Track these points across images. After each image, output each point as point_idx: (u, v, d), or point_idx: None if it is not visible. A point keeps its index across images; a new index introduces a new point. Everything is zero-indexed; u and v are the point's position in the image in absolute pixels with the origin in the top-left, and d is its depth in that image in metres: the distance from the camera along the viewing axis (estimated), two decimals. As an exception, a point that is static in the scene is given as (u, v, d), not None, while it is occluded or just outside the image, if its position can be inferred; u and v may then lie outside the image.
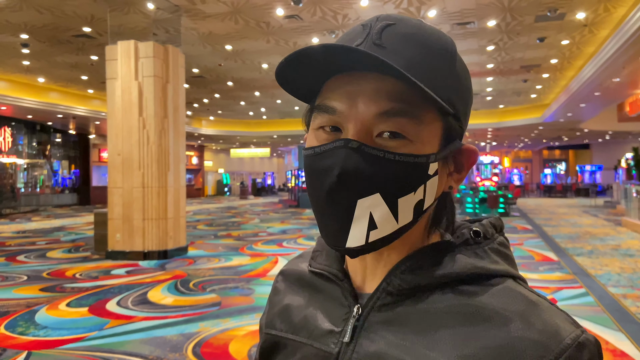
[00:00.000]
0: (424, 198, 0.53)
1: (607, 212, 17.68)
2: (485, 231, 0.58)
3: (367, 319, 0.55)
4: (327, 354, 0.55)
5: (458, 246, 0.56)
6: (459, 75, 0.55)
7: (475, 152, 0.58)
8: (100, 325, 4.68)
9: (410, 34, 0.52)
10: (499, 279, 0.53)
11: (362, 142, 0.50)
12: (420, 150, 0.51)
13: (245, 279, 6.71)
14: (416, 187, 0.51)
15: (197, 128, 26.30)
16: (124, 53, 8.46)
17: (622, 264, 7.60)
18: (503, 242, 0.58)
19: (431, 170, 0.52)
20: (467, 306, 0.50)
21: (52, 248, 9.80)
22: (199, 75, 15.67)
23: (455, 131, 0.55)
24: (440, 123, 0.53)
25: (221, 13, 9.85)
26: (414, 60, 0.51)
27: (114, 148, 8.52)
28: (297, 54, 0.49)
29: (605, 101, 16.67)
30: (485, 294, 0.51)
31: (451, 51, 0.55)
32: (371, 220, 0.51)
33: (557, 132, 27.47)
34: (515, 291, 0.51)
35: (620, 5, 9.39)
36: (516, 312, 0.49)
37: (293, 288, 0.66)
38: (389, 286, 0.54)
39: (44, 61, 13.77)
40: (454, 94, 0.54)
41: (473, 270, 0.53)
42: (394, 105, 0.50)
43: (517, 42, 12.16)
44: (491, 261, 0.55)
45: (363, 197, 0.50)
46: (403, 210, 0.51)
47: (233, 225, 14.50)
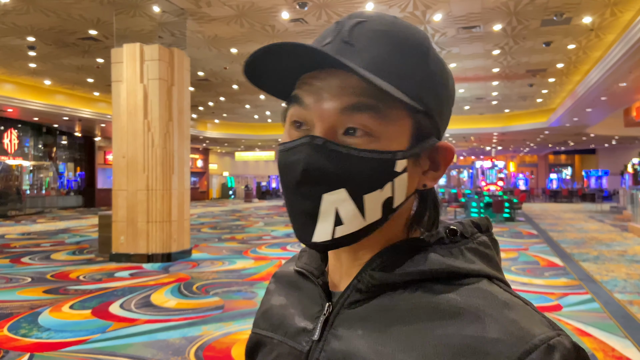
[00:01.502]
0: (393, 196, 0.52)
1: (614, 218, 17.56)
2: (464, 230, 0.56)
3: (337, 316, 0.54)
4: (298, 353, 0.56)
5: (432, 244, 0.54)
6: (431, 72, 0.54)
7: (450, 149, 0.56)
8: (103, 327, 4.67)
9: (381, 30, 0.53)
10: (472, 279, 0.51)
11: (327, 138, 0.51)
12: (386, 146, 0.51)
13: (248, 282, 6.69)
14: (382, 184, 0.51)
15: (202, 131, 26.36)
16: (130, 56, 8.49)
17: (629, 270, 7.53)
18: (484, 241, 0.56)
19: (399, 167, 0.51)
20: (433, 304, 0.49)
21: (56, 250, 9.82)
22: (204, 78, 15.71)
23: (428, 128, 0.54)
24: (410, 120, 0.52)
25: (227, 16, 9.88)
26: (380, 57, 0.51)
27: (119, 150, 8.54)
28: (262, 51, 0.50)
29: (612, 106, 16.60)
30: (453, 292, 0.50)
31: (423, 47, 0.54)
32: (337, 216, 0.51)
33: (563, 137, 27.37)
34: (485, 291, 0.49)
35: (627, 9, 9.34)
36: (483, 310, 0.47)
37: (280, 288, 0.67)
38: (359, 283, 0.54)
39: (50, 64, 13.85)
40: (424, 91, 0.53)
41: (443, 269, 0.51)
42: (357, 100, 0.50)
43: (523, 46, 12.13)
44: (465, 260, 0.53)
45: (328, 192, 0.51)
46: (370, 207, 0.51)
47: (237, 228, 14.49)
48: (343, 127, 0.51)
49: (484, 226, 0.59)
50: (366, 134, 0.50)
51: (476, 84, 16.52)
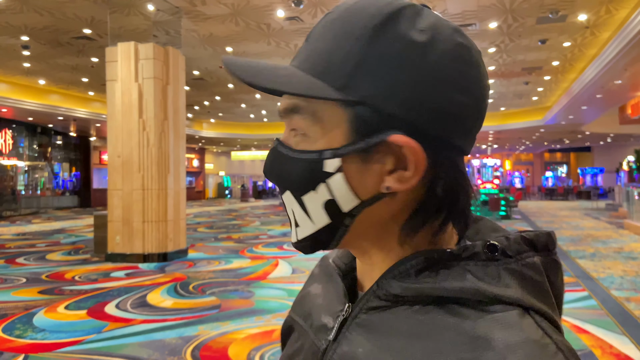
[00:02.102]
0: (335, 198, 0.48)
1: (609, 215, 17.62)
2: (507, 247, 0.47)
3: (355, 319, 0.51)
4: (316, 349, 0.53)
5: (464, 259, 0.47)
6: (377, 53, 0.46)
7: (408, 144, 0.46)
8: (98, 328, 4.64)
9: (333, 19, 0.49)
10: (502, 306, 0.44)
11: (280, 140, 0.52)
12: (316, 146, 0.48)
13: (245, 281, 6.67)
14: (314, 186, 0.48)
15: (197, 130, 26.31)
16: (124, 55, 8.44)
17: (625, 267, 7.55)
18: (534, 264, 0.47)
19: (329, 167, 0.47)
20: (449, 329, 0.44)
21: (51, 250, 9.76)
22: (199, 77, 15.66)
23: (375, 122, 0.46)
24: (345, 114, 0.47)
25: (221, 15, 9.84)
26: (315, 49, 0.49)
27: (114, 150, 8.49)
28: None
29: (607, 103, 16.64)
30: (476, 320, 0.43)
31: (364, 27, 0.46)
32: (294, 218, 0.52)
33: (558, 135, 27.45)
34: (511, 322, 0.42)
35: (622, 7, 9.36)
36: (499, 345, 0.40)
37: (320, 275, 0.64)
38: (379, 289, 0.50)
39: (44, 63, 13.78)
40: (362, 78, 0.46)
41: (468, 290, 0.45)
42: (290, 101, 0.50)
43: (518, 44, 12.14)
44: (499, 284, 0.45)
45: (282, 194, 0.53)
46: (312, 210, 0.50)
47: (233, 227, 14.46)
48: (290, 129, 0.51)
49: (541, 244, 0.49)
50: (302, 134, 0.49)
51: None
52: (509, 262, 0.47)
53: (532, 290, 0.46)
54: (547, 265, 0.49)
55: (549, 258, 0.49)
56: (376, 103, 0.46)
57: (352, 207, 0.48)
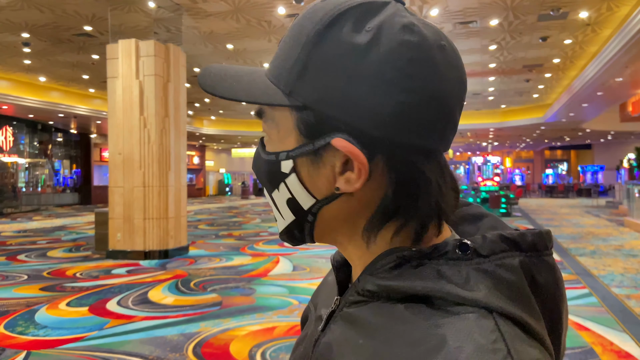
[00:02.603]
0: (294, 197, 0.52)
1: (610, 213, 17.62)
2: (481, 247, 0.46)
3: (340, 312, 0.53)
4: (312, 338, 0.57)
5: (434, 257, 0.47)
6: (318, 57, 0.46)
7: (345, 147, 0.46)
8: (100, 325, 4.65)
9: (292, 25, 0.51)
10: (465, 308, 0.43)
11: (262, 140, 0.56)
12: (274, 147, 0.52)
13: (246, 278, 6.68)
14: (276, 185, 0.53)
15: (198, 128, 26.29)
16: (125, 52, 8.43)
17: (625, 264, 7.56)
18: (509, 264, 0.45)
19: (284, 168, 0.51)
20: (409, 327, 0.44)
21: (52, 247, 9.78)
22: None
23: (319, 125, 0.47)
24: (292, 118, 0.49)
25: (222, 12, 9.83)
26: (276, 56, 0.52)
27: (115, 147, 8.50)
28: None
29: (608, 101, 16.62)
30: (436, 320, 0.43)
31: (310, 30, 0.47)
32: (274, 213, 0.56)
33: (559, 132, 27.42)
34: (467, 325, 0.41)
35: (623, 4, 9.34)
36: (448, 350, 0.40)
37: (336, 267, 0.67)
38: (358, 285, 0.51)
39: (45, 60, 13.76)
40: (303, 83, 0.47)
41: (431, 289, 0.44)
42: (256, 107, 0.54)
43: (519, 42, 12.12)
44: (467, 285, 0.44)
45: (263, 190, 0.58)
46: (280, 206, 0.54)
47: (234, 225, 14.47)
48: None
49: (527, 244, 0.47)
50: (268, 137, 0.54)
51: (473, 79, 16.51)
52: (481, 262, 0.45)
53: (505, 292, 0.44)
54: (532, 266, 0.46)
55: (536, 259, 0.46)
56: (318, 107, 0.47)
57: (310, 205, 0.51)
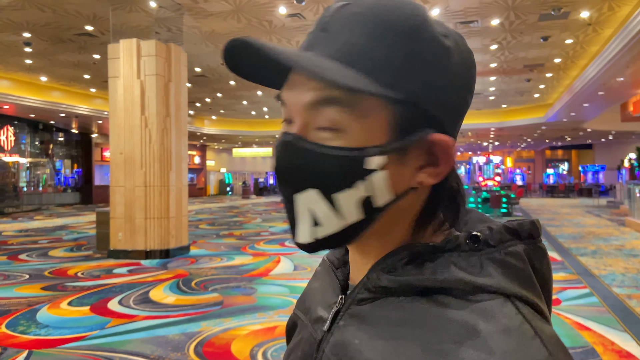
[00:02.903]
0: (372, 194, 0.48)
1: (610, 212, 17.61)
2: (489, 237, 0.49)
3: (347, 310, 0.53)
4: (314, 340, 0.56)
5: (448, 250, 0.49)
6: (418, 54, 0.47)
7: (445, 142, 0.49)
8: (101, 324, 4.66)
9: (359, 12, 0.48)
10: (485, 295, 0.45)
11: (299, 134, 0.48)
12: (356, 142, 0.47)
13: (247, 278, 6.69)
14: (351, 183, 0.47)
15: (199, 127, 26.31)
16: (126, 51, 8.44)
17: (626, 264, 7.55)
18: (516, 252, 0.48)
19: (371, 164, 0.47)
20: (435, 318, 0.45)
21: (54, 247, 9.79)
22: (201, 74, 15.66)
23: (415, 120, 0.48)
24: (386, 111, 0.47)
25: (223, 11, 9.84)
26: (351, 42, 0.47)
27: (116, 147, 8.51)
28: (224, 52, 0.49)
29: (609, 101, 16.61)
30: (460, 310, 0.45)
31: (408, 26, 0.47)
32: (313, 217, 0.49)
33: (560, 132, 27.41)
34: (491, 311, 0.44)
35: (624, 3, 9.34)
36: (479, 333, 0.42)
37: (321, 272, 0.67)
38: (369, 282, 0.52)
39: (46, 60, 13.78)
40: (406, 77, 0.47)
41: (451, 280, 0.46)
42: (324, 93, 0.47)
43: (520, 41, 12.12)
44: (482, 274, 0.46)
45: (299, 192, 0.49)
46: (345, 206, 0.48)
47: (235, 224, 14.48)
48: (315, 122, 0.48)
49: (525, 233, 0.50)
50: (336, 129, 0.47)
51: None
52: (491, 252, 0.48)
53: (515, 278, 0.47)
54: (531, 252, 0.50)
55: (533, 246, 0.50)
56: (418, 102, 0.47)
57: (385, 202, 0.49)
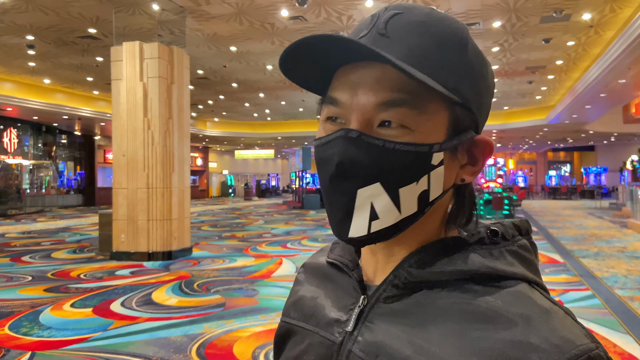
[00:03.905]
0: (429, 189, 0.52)
1: (613, 214, 17.57)
2: (505, 232, 0.55)
3: (372, 309, 0.55)
4: (331, 343, 0.56)
5: (472, 244, 0.54)
6: (470, 63, 0.53)
7: (489, 143, 0.55)
8: (104, 325, 4.68)
9: (417, 21, 0.52)
10: (511, 282, 0.50)
11: (362, 131, 0.50)
12: (423, 139, 0.50)
13: (249, 280, 6.70)
14: (418, 177, 0.51)
15: (201, 129, 26.35)
16: (129, 54, 8.48)
17: (629, 266, 7.54)
18: (524, 245, 0.56)
19: (435, 160, 0.51)
20: (472, 305, 0.49)
21: (57, 249, 9.82)
22: (203, 76, 15.70)
23: (466, 121, 0.53)
24: (446, 112, 0.52)
25: (226, 14, 9.87)
26: (417, 48, 0.50)
27: (119, 149, 8.53)
28: (296, 45, 0.50)
29: (611, 103, 16.60)
30: (493, 295, 0.49)
31: (460, 38, 0.53)
32: (372, 211, 0.51)
33: (562, 134, 27.38)
34: (525, 295, 0.49)
35: (626, 6, 9.34)
36: (523, 316, 0.46)
37: (310, 279, 0.68)
38: (396, 279, 0.54)
39: (49, 62, 13.83)
40: (462, 83, 0.52)
41: (483, 270, 0.51)
42: (394, 95, 0.50)
43: (522, 43, 12.12)
44: (506, 263, 0.52)
45: (363, 186, 0.51)
46: (405, 200, 0.51)
47: (237, 226, 14.50)
48: (378, 120, 0.51)
49: (524, 229, 0.58)
50: (402, 127, 0.50)
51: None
52: (507, 245, 0.54)
53: (528, 267, 0.54)
54: (531, 246, 0.57)
55: (530, 240, 0.57)
56: (470, 106, 0.53)
57: (435, 197, 0.53)
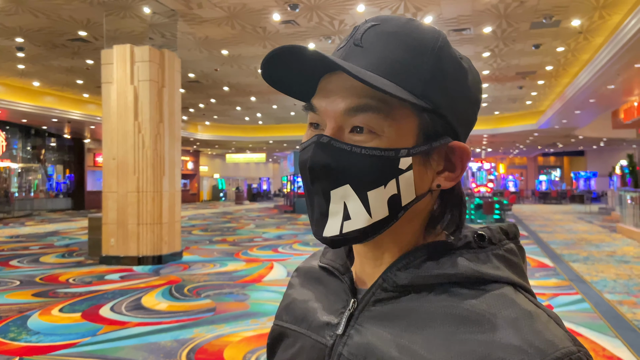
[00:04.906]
0: (399, 193, 0.53)
1: (602, 219, 17.72)
2: (492, 236, 0.56)
3: (362, 313, 0.56)
4: (322, 346, 0.58)
5: (459, 248, 0.55)
6: (442, 70, 0.54)
7: (463, 149, 0.56)
8: (93, 330, 4.63)
9: (390, 32, 0.54)
10: (497, 285, 0.52)
11: (333, 137, 0.53)
12: (390, 144, 0.52)
13: (240, 284, 6.67)
14: (386, 182, 0.52)
15: (192, 133, 26.26)
16: (120, 57, 8.44)
17: (618, 271, 7.60)
18: (511, 249, 0.57)
19: (403, 165, 0.52)
20: (457, 308, 0.50)
21: (45, 253, 9.72)
22: (195, 80, 15.65)
23: (438, 127, 0.54)
24: (416, 118, 0.53)
25: (218, 18, 9.85)
26: (385, 57, 0.53)
27: (109, 152, 8.48)
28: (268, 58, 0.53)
29: (600, 108, 16.75)
30: (478, 298, 0.50)
31: (432, 45, 0.54)
32: (345, 211, 0.53)
33: (552, 139, 27.58)
34: (509, 298, 0.50)
35: (615, 12, 9.44)
36: (506, 319, 0.48)
37: (303, 283, 0.70)
38: (385, 282, 0.55)
39: (39, 65, 13.72)
40: (432, 89, 0.53)
41: (469, 274, 0.52)
42: (361, 101, 0.52)
43: (512, 49, 12.21)
44: (492, 266, 0.53)
45: (335, 188, 0.53)
46: (375, 204, 0.53)
47: (228, 230, 14.44)
48: (349, 126, 0.53)
49: (512, 233, 0.59)
50: (370, 132, 0.52)
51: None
52: (493, 249, 0.55)
53: (514, 270, 0.55)
54: (518, 250, 0.58)
55: (517, 244, 0.58)
56: (442, 112, 0.54)
57: (408, 202, 0.54)
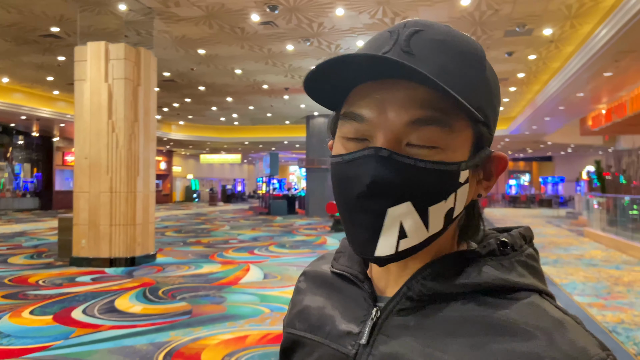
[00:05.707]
0: (454, 206, 0.52)
1: (570, 223, 18.19)
2: (514, 242, 0.56)
3: (386, 322, 0.54)
4: (344, 356, 0.56)
5: (484, 256, 0.54)
6: (488, 82, 0.55)
7: (504, 159, 0.56)
8: (65, 334, 4.52)
9: (440, 40, 0.52)
10: (524, 293, 0.51)
11: (392, 150, 0.50)
12: (451, 158, 0.51)
13: (216, 286, 6.61)
14: (447, 195, 0.51)
15: (166, 132, 25.90)
16: (94, 54, 8.28)
17: (586, 273, 7.81)
18: (532, 254, 0.56)
19: (462, 178, 0.52)
20: (487, 317, 0.49)
21: (13, 254, 9.45)
22: (170, 79, 15.45)
23: (485, 138, 0.55)
24: (471, 130, 0.53)
25: (195, 17, 9.75)
26: (444, 67, 0.50)
27: (81, 151, 8.30)
28: (334, 61, 0.49)
29: (569, 115, 17.20)
30: (508, 308, 0.50)
31: (481, 57, 0.55)
32: (401, 230, 0.50)
33: (522, 144, 28.19)
34: (540, 307, 0.50)
35: (585, 22, 9.72)
36: (540, 328, 0.47)
37: (313, 288, 0.67)
38: (410, 291, 0.54)
39: (8, 61, 13.34)
40: (484, 101, 0.53)
41: (497, 282, 0.51)
42: (425, 113, 0.50)
43: (486, 56, 12.43)
44: (517, 274, 0.53)
45: (393, 205, 0.50)
46: (434, 218, 0.51)
47: (202, 232, 14.29)
48: (407, 139, 0.50)
49: (529, 237, 0.58)
50: (432, 146, 0.50)
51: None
52: (515, 255, 0.55)
53: (537, 276, 0.54)
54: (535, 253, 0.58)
55: (533, 247, 0.58)
56: (490, 123, 0.55)
57: (458, 213, 0.54)
